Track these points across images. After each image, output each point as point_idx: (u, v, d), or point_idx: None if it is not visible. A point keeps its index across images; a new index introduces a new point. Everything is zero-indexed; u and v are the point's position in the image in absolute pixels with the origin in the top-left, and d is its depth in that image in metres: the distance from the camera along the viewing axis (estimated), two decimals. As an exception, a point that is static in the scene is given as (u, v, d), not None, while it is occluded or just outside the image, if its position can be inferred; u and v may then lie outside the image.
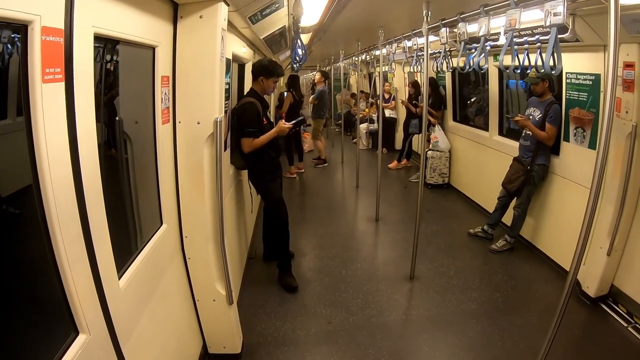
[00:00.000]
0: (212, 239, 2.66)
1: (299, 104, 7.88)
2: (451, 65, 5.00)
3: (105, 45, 1.84)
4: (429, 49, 3.88)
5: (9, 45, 1.25)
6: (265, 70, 3.73)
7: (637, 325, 3.33)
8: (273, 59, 4.32)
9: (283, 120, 3.81)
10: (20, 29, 1.16)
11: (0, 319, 1.33)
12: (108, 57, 1.94)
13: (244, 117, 3.57)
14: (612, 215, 3.38)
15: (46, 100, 1.22)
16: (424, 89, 4.26)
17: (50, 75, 1.23)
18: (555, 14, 2.40)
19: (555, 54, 2.71)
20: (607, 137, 1.88)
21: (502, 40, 3.41)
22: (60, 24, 1.27)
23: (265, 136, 3.65)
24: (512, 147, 4.97)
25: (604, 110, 1.89)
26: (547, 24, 2.46)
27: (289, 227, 4.07)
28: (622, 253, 3.52)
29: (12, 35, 1.22)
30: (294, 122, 3.90)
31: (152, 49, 2.16)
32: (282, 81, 9.35)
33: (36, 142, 1.22)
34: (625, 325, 3.36)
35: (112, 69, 2.01)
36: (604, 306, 3.61)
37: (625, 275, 3.53)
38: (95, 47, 1.54)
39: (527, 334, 3.29)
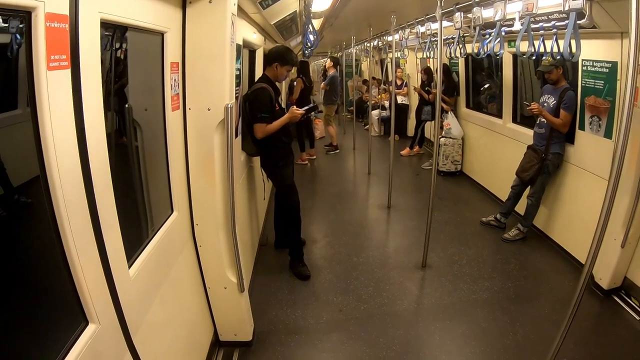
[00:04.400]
0: (223, 226, 2.66)
1: (309, 89, 7.85)
2: (465, 51, 4.92)
3: (114, 32, 1.81)
4: (443, 35, 3.81)
5: (18, 35, 1.23)
6: (281, 57, 3.70)
7: (650, 318, 3.30)
8: (289, 48, 4.28)
9: (295, 107, 3.78)
10: (24, 16, 1.13)
11: (10, 309, 1.33)
12: (117, 45, 1.91)
13: (256, 102, 3.55)
14: (627, 206, 3.31)
15: (52, 88, 1.20)
16: (437, 76, 4.19)
17: (55, 63, 1.21)
18: (574, -1, 2.34)
19: (573, 40, 2.65)
20: (627, 127, 1.83)
21: (517, 26, 3.34)
22: (65, 10, 1.24)
23: (277, 122, 3.62)
24: (526, 134, 4.90)
25: (624, 100, 1.83)
26: (566, 8, 2.40)
27: (301, 214, 4.06)
28: (636, 245, 3.46)
29: (21, 26, 1.20)
30: (306, 108, 3.86)
31: (161, 35, 2.14)
32: (293, 69, 9.30)
33: (42, 131, 1.20)
34: (638, 318, 3.33)
35: (121, 56, 1.99)
36: (616, 298, 3.57)
37: (639, 268, 3.48)
38: (103, 34, 1.51)
39: (538, 324, 3.26)
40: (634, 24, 1.71)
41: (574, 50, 2.73)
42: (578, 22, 3.05)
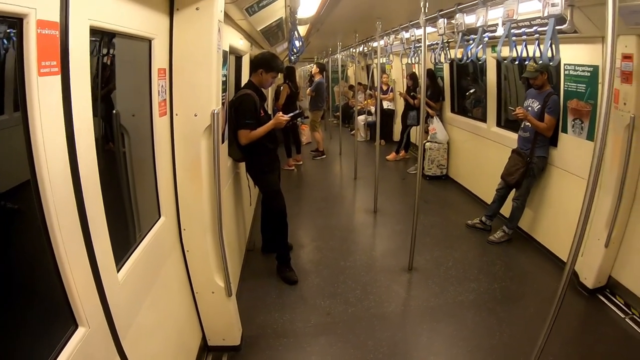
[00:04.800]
0: (210, 231, 2.66)
1: (296, 95, 7.88)
2: (449, 56, 4.99)
3: (102, 38, 1.83)
4: (427, 41, 3.86)
5: (5, 40, 1.24)
6: (266, 63, 3.72)
7: (635, 316, 3.35)
8: (275, 54, 4.30)
9: (280, 113, 3.80)
10: (15, 22, 1.14)
11: (0, 313, 1.33)
12: (105, 51, 1.92)
13: (241, 108, 3.56)
14: (610, 206, 3.38)
15: (42, 94, 1.21)
16: (422, 81, 4.23)
17: (46, 69, 1.22)
18: (553, 5, 2.40)
19: (553, 45, 2.71)
20: (605, 129, 1.87)
21: (500, 32, 3.41)
22: (55, 17, 1.26)
23: (262, 128, 3.64)
24: (511, 138, 4.97)
25: (602, 102, 1.88)
26: (545, 14, 2.46)
27: (287, 219, 4.07)
28: (620, 245, 3.53)
29: (8, 31, 1.21)
30: (291, 114, 3.88)
31: (149, 41, 2.15)
32: (279, 75, 9.32)
33: (33, 136, 1.21)
34: (623, 316, 3.39)
35: (109, 62, 2.00)
36: (601, 297, 3.63)
37: (623, 267, 3.54)
38: (91, 40, 1.52)
39: (525, 324, 3.31)
40: (610, 28, 1.77)
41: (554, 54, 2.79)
42: (560, 27, 3.13)
